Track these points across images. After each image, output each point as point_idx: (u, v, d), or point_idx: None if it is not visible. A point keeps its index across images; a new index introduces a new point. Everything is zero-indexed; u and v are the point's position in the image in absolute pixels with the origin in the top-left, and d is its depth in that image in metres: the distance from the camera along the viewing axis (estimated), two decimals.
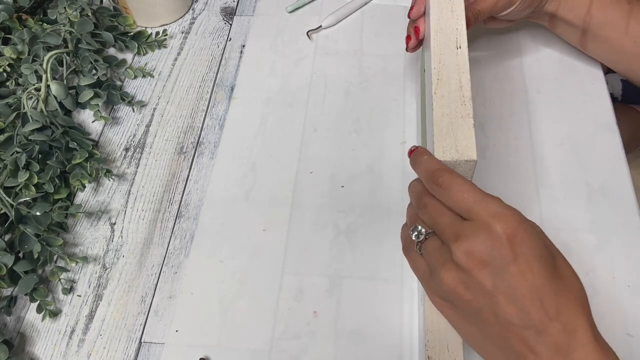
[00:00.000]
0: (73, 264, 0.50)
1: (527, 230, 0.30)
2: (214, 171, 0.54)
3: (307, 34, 0.64)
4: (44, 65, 0.56)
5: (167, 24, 0.68)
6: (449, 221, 0.32)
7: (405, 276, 0.46)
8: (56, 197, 0.52)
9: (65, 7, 0.60)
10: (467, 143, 0.36)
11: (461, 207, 0.32)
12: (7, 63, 0.59)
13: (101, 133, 0.59)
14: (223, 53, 0.65)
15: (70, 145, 0.54)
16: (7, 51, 0.59)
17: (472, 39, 0.61)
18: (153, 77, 0.63)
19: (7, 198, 0.49)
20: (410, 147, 0.39)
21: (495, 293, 0.30)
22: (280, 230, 0.50)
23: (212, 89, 0.62)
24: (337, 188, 0.52)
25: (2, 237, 0.48)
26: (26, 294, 0.47)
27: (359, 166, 0.53)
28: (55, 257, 0.50)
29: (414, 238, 0.35)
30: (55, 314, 0.47)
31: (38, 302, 0.47)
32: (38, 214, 0.49)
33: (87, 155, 0.53)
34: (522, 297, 0.29)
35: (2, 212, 0.49)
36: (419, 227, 0.35)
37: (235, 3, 0.70)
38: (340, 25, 0.65)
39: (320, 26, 0.65)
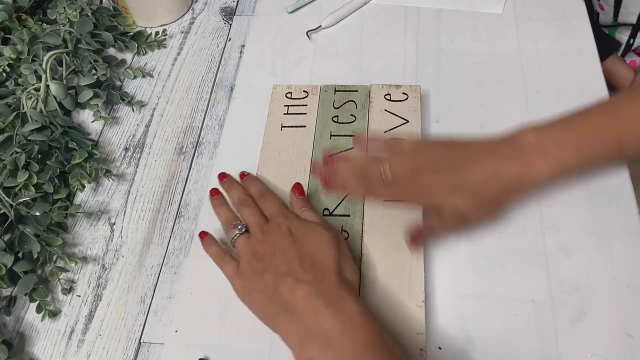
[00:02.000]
0: (73, 264, 0.50)
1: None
2: (213, 171, 0.54)
3: (307, 34, 0.64)
4: (44, 65, 0.56)
5: (166, 24, 0.68)
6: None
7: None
8: (56, 197, 0.52)
9: (64, 7, 0.60)
10: None
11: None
12: (6, 63, 0.59)
13: (101, 133, 0.59)
14: (223, 53, 0.65)
15: (69, 146, 0.54)
16: (7, 51, 0.59)
17: (472, 39, 0.61)
18: (153, 77, 0.63)
19: (6, 198, 0.49)
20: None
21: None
22: None
23: (212, 89, 0.61)
24: None
25: (2, 237, 0.48)
26: (26, 294, 0.47)
27: None
28: (54, 257, 0.50)
29: (237, 232, 0.45)
30: (54, 314, 0.47)
31: (37, 302, 0.47)
32: (37, 214, 0.49)
33: (86, 155, 0.53)
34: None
35: (2, 212, 0.49)
36: (239, 225, 0.46)
37: (235, 3, 0.70)
38: (340, 25, 0.65)
39: (320, 26, 0.65)
